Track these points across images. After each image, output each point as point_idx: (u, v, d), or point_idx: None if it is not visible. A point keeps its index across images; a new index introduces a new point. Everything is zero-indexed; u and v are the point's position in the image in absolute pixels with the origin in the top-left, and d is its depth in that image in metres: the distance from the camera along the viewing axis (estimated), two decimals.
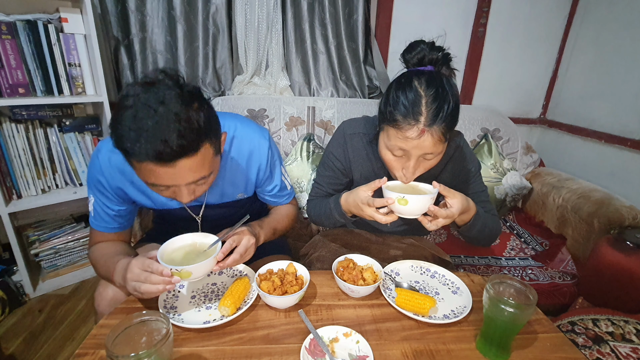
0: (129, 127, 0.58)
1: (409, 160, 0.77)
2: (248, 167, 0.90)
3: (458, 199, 0.77)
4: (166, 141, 0.58)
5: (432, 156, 0.77)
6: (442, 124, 0.71)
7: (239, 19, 1.66)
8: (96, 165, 0.79)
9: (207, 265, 0.67)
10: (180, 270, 0.64)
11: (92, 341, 0.64)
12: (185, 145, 0.60)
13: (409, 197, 0.72)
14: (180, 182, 0.65)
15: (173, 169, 0.62)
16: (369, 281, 0.77)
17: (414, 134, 0.72)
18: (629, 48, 1.64)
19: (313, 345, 0.63)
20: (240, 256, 0.74)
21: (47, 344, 1.30)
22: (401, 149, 0.76)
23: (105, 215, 0.83)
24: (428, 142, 0.72)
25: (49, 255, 1.58)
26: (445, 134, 0.73)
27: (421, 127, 0.71)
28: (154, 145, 0.58)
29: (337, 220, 0.92)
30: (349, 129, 0.98)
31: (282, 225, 0.97)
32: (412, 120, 0.71)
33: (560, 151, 2.04)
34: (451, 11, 1.86)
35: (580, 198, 1.47)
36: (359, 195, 0.81)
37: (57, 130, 1.50)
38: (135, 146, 0.58)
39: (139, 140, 0.58)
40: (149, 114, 0.58)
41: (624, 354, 0.89)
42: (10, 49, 1.32)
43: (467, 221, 0.84)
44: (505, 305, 0.59)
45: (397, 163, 0.80)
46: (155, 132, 0.57)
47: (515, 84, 2.07)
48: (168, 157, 0.59)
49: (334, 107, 1.68)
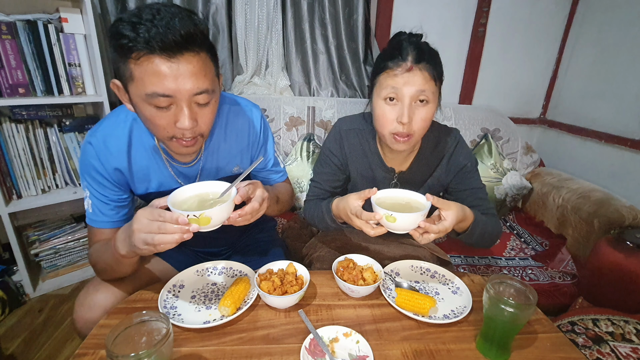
0: (131, 21, 0.56)
1: (402, 106, 0.79)
2: (242, 135, 0.88)
3: (453, 210, 0.74)
4: (173, 27, 0.56)
5: (425, 96, 0.79)
6: (428, 64, 0.78)
7: (239, 19, 1.66)
8: (89, 151, 0.75)
9: (225, 209, 0.62)
10: (198, 216, 0.58)
11: (92, 341, 0.64)
12: (191, 35, 0.57)
13: (397, 215, 0.69)
14: (182, 87, 0.60)
15: (176, 67, 0.58)
16: (369, 281, 0.77)
17: (403, 70, 0.78)
18: (629, 48, 1.64)
19: (313, 345, 0.63)
20: (259, 204, 0.69)
21: (47, 344, 1.30)
22: (394, 90, 0.79)
23: (103, 207, 0.78)
24: (418, 77, 0.78)
25: (49, 255, 1.58)
26: (433, 74, 0.79)
27: (409, 65, 0.78)
28: (159, 30, 0.55)
29: (329, 225, 0.92)
30: (345, 125, 0.99)
31: (283, 197, 0.95)
32: (400, 61, 0.79)
33: (560, 151, 2.04)
34: (451, 11, 1.86)
35: (580, 198, 1.47)
36: (349, 204, 0.79)
37: (57, 130, 1.50)
38: (138, 33, 0.55)
39: (142, 27, 0.55)
40: (152, 9, 0.56)
41: (624, 354, 0.89)
42: (10, 49, 1.32)
43: (466, 229, 0.83)
44: (505, 305, 0.59)
45: (391, 113, 0.82)
46: (161, 21, 0.55)
47: (515, 84, 2.07)
48: (174, 46, 0.57)
49: (334, 107, 1.68)
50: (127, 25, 0.56)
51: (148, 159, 0.79)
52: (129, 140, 0.76)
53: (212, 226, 0.62)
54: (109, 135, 0.76)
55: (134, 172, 0.79)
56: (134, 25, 0.56)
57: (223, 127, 0.85)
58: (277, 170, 1.00)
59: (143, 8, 0.58)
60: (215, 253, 1.04)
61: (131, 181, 0.80)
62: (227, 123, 0.86)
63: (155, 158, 0.79)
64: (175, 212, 0.59)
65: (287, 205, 0.99)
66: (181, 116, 0.63)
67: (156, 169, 0.80)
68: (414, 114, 0.80)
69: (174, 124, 0.64)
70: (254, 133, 0.89)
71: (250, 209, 0.67)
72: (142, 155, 0.78)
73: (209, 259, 0.98)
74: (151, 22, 0.56)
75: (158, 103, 0.61)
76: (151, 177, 0.81)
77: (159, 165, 0.80)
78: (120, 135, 0.76)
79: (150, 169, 0.80)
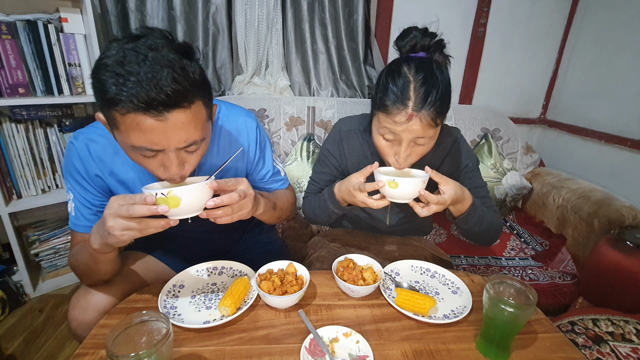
0: (115, 72, 0.51)
1: (400, 145, 0.78)
2: (235, 148, 0.83)
3: (451, 185, 0.77)
4: (159, 86, 0.51)
5: (424, 141, 0.77)
6: (430, 109, 0.72)
7: (239, 19, 1.66)
8: (72, 151, 0.73)
9: (197, 191, 0.59)
10: (166, 194, 0.56)
11: (92, 341, 0.64)
12: (180, 92, 0.53)
13: (399, 179, 0.72)
14: (170, 142, 0.57)
15: (164, 124, 0.54)
16: (369, 281, 0.77)
17: (402, 118, 0.73)
18: (629, 48, 1.64)
19: (313, 345, 0.63)
20: (239, 196, 0.64)
21: (47, 344, 1.30)
22: (392, 133, 0.77)
23: (86, 212, 0.76)
24: (417, 126, 0.73)
25: (49, 255, 1.58)
26: (435, 118, 0.74)
27: (409, 112, 0.73)
28: (144, 89, 0.50)
29: (331, 211, 0.91)
30: (345, 126, 0.98)
31: (282, 203, 0.90)
32: (400, 105, 0.73)
33: (560, 151, 2.04)
34: (451, 11, 1.87)
35: (580, 198, 1.47)
36: (351, 182, 0.81)
37: (57, 130, 1.50)
38: (122, 90, 0.50)
39: (127, 83, 0.50)
40: (138, 59, 0.51)
41: (624, 354, 0.89)
42: (10, 49, 1.32)
43: (464, 211, 0.84)
44: (505, 305, 0.59)
45: (389, 149, 0.81)
46: (147, 75, 0.50)
47: (515, 84, 2.07)
48: (160, 106, 0.52)
49: (334, 107, 1.68)
50: (110, 77, 0.52)
51: (135, 171, 0.77)
52: (115, 151, 0.74)
53: (185, 211, 0.59)
54: (93, 141, 0.73)
55: (117, 183, 0.77)
56: (117, 79, 0.51)
57: (215, 141, 0.81)
58: (277, 180, 0.96)
59: (129, 53, 0.52)
60: (214, 257, 1.03)
61: (115, 190, 0.78)
62: (219, 137, 0.82)
63: (143, 171, 0.77)
64: (144, 192, 0.56)
65: (287, 212, 0.94)
66: (168, 164, 0.60)
67: (144, 181, 0.77)
68: (411, 151, 0.79)
69: (162, 168, 0.62)
70: (248, 144, 0.86)
71: (227, 198, 0.63)
72: (129, 166, 0.76)
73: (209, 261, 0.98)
74: (136, 77, 0.51)
75: (144, 154, 0.59)
76: (137, 189, 0.78)
77: (147, 178, 0.77)
78: (106, 145, 0.74)
79: (136, 181, 0.77)
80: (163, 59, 0.53)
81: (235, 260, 0.86)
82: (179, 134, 0.57)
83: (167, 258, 0.95)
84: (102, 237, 0.61)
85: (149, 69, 0.51)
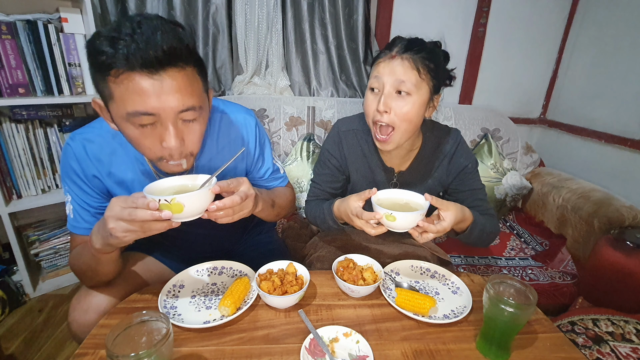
0: (110, 36, 0.51)
1: (381, 95, 0.81)
2: (235, 146, 0.83)
3: (451, 211, 0.74)
4: (154, 43, 0.51)
5: (405, 87, 0.78)
6: (414, 55, 0.78)
7: (239, 19, 1.66)
8: (69, 152, 0.72)
9: (201, 197, 0.59)
10: (170, 201, 0.55)
11: (92, 341, 0.64)
12: (175, 49, 0.53)
13: (397, 214, 0.69)
14: (165, 104, 0.56)
15: (159, 84, 0.54)
16: (369, 281, 0.77)
17: (386, 59, 0.80)
18: (629, 48, 1.64)
19: (313, 345, 0.63)
20: (240, 199, 0.64)
21: (47, 344, 1.30)
22: (376, 79, 0.81)
23: (85, 214, 0.75)
24: (398, 66, 0.78)
25: (49, 255, 1.58)
26: (418, 66, 0.78)
27: (393, 54, 0.80)
28: (140, 46, 0.50)
29: (330, 225, 0.92)
30: (344, 126, 0.99)
31: (281, 201, 0.89)
32: (387, 51, 0.82)
33: (560, 151, 2.04)
34: (451, 11, 1.86)
35: (580, 198, 1.47)
36: (350, 206, 0.80)
37: (57, 130, 1.50)
38: (117, 48, 0.50)
39: (122, 42, 0.50)
40: (132, 22, 0.51)
41: (624, 354, 0.89)
42: (10, 49, 1.32)
43: (465, 229, 0.84)
44: (505, 305, 0.59)
45: (372, 102, 0.83)
46: (142, 36, 0.51)
47: (515, 84, 2.07)
48: (154, 62, 0.52)
49: (334, 107, 1.68)
50: (105, 40, 0.52)
51: (134, 172, 0.76)
52: (112, 151, 0.74)
53: (188, 215, 0.59)
54: (90, 141, 0.73)
55: (117, 184, 0.76)
56: (112, 41, 0.52)
57: (215, 138, 0.81)
58: (276, 177, 0.96)
59: (123, 21, 0.53)
60: (214, 257, 1.03)
61: (113, 191, 0.77)
62: (219, 134, 0.82)
63: (142, 171, 0.77)
64: (147, 197, 0.56)
65: (286, 210, 0.94)
66: (166, 135, 0.59)
67: (143, 183, 0.75)
68: (392, 104, 0.80)
69: (160, 144, 0.61)
70: (247, 141, 0.86)
71: (230, 201, 0.62)
72: (127, 167, 0.75)
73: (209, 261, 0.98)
74: (131, 37, 0.52)
75: (140, 121, 0.58)
76: (135, 190, 0.76)
77: (147, 178, 0.77)
78: (103, 145, 0.73)
79: (135, 182, 0.77)
80: (158, 22, 0.54)
81: (235, 260, 0.86)
82: (174, 97, 0.57)
83: (167, 258, 0.95)
84: (103, 238, 0.61)
85: (144, 29, 0.52)
